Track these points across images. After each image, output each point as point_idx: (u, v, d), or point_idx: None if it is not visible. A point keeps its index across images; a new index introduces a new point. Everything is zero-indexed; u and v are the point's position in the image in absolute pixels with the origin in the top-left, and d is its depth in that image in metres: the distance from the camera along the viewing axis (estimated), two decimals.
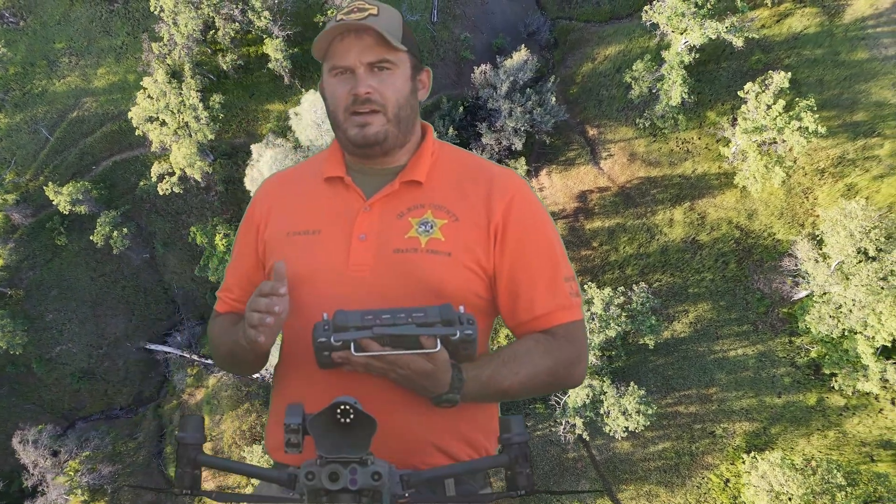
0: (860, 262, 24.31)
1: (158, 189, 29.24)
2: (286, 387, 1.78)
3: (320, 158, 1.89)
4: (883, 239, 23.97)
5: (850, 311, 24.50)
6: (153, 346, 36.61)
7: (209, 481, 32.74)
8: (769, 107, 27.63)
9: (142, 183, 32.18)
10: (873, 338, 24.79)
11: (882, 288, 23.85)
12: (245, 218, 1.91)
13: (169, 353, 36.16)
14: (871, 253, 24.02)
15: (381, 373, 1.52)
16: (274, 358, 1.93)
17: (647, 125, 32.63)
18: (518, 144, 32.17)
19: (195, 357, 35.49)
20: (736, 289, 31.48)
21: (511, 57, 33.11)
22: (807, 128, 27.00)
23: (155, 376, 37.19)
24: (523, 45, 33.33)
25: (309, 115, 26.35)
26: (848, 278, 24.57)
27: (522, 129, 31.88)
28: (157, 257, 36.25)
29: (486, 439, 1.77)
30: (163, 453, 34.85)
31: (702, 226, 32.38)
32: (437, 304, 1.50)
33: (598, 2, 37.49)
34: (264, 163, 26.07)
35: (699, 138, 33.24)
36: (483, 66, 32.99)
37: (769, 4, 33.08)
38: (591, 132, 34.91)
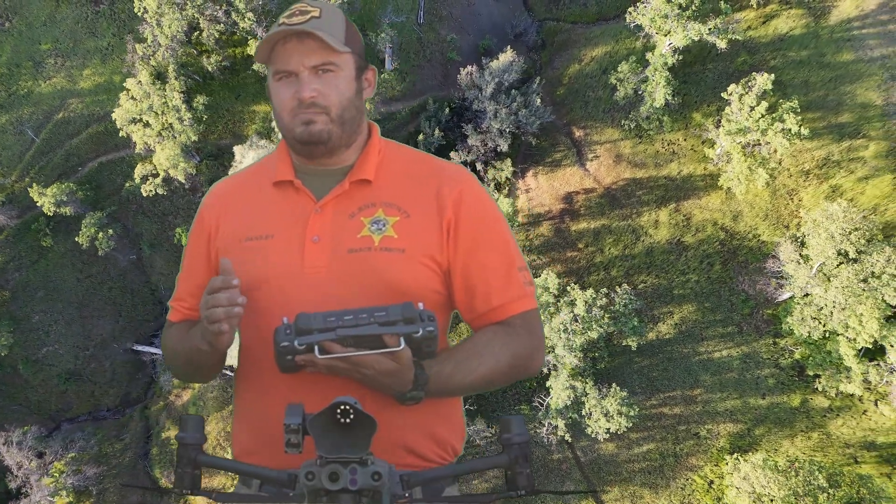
0: (840, 264, 24.33)
1: (142, 190, 29.21)
2: (248, 391, 1.78)
3: (268, 163, 1.89)
4: (863, 241, 23.98)
5: (832, 312, 24.51)
6: (140, 348, 36.59)
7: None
8: (752, 108, 27.64)
9: (127, 184, 32.18)
10: (855, 340, 24.80)
11: (863, 290, 23.86)
12: (194, 226, 1.90)
13: (156, 354, 36.12)
14: (852, 255, 24.02)
15: (346, 374, 1.53)
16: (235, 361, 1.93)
17: (632, 126, 32.66)
18: (504, 146, 32.18)
19: None
20: (721, 290, 31.50)
21: (497, 58, 33.14)
22: (789, 129, 27.01)
23: (142, 377, 37.16)
24: (509, 47, 33.35)
25: None
26: (829, 280, 24.58)
27: (508, 130, 31.90)
28: (143, 258, 36.24)
29: (452, 437, 1.80)
30: (149, 454, 34.83)
31: (687, 227, 32.39)
32: (398, 303, 1.50)
33: (586, 3, 37.52)
34: (246, 164, 26.05)
35: (685, 140, 33.26)
36: (469, 68, 33.01)
37: (755, 6, 33.11)
38: (578, 133, 34.93)
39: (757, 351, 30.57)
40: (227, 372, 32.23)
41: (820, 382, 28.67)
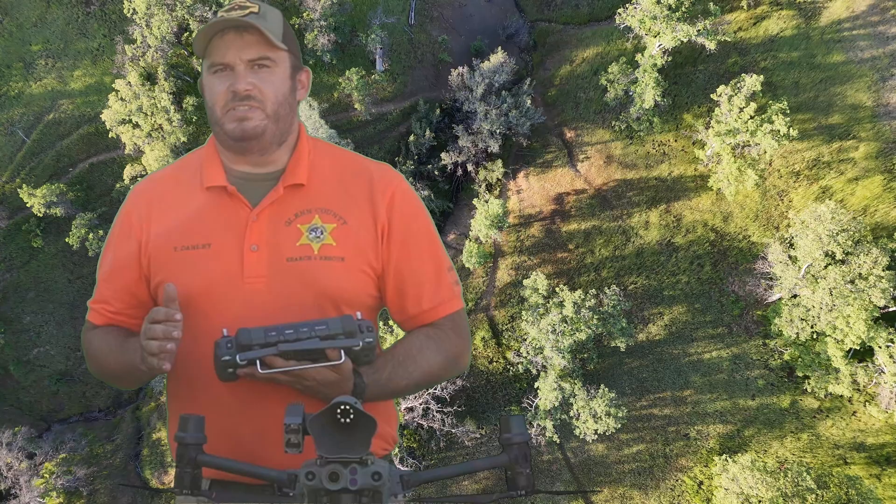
0: (828, 265, 24.33)
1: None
2: (184, 399, 1.78)
3: (196, 162, 1.86)
4: (850, 243, 23.98)
5: (819, 314, 24.51)
6: None
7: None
8: (741, 110, 27.65)
9: (118, 185, 32.14)
10: (842, 341, 24.80)
11: (850, 291, 23.87)
12: (119, 226, 1.84)
13: None
14: (839, 256, 24.03)
15: (286, 384, 1.55)
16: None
17: (622, 128, 32.67)
18: (494, 147, 32.18)
19: None
20: (711, 291, 31.50)
21: (488, 60, 33.15)
22: (778, 131, 27.01)
23: None
24: (500, 48, 33.34)
25: None
26: (816, 281, 24.59)
27: (498, 131, 31.90)
28: None
29: (388, 427, 1.86)
30: (140, 455, 34.80)
31: (677, 228, 32.39)
32: (337, 316, 1.53)
33: (578, 4, 37.52)
34: None
35: (675, 141, 33.27)
36: (460, 69, 33.01)
37: (745, 7, 33.13)
38: (569, 135, 34.93)
39: (747, 352, 30.58)
40: None
41: (809, 384, 28.67)
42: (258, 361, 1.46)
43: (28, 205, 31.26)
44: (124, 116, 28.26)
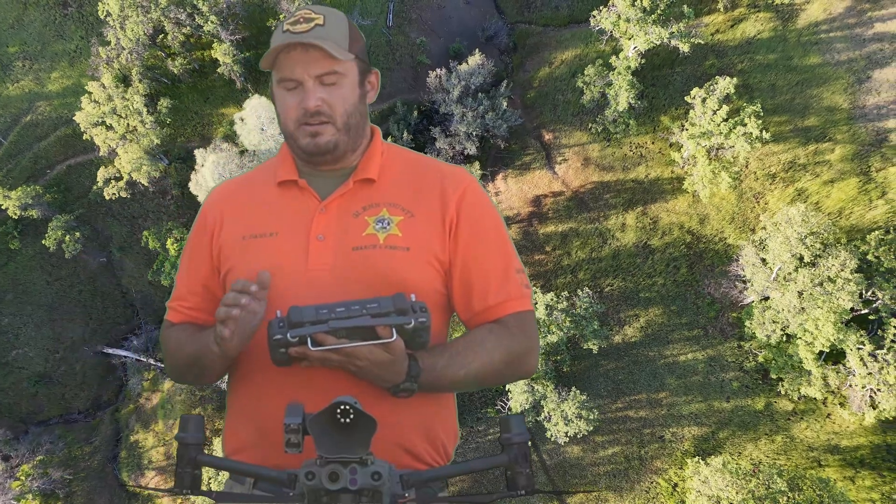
0: (797, 268, 24.36)
1: (105, 193, 29.15)
2: (243, 387, 1.78)
3: (272, 164, 1.91)
4: (819, 245, 24.00)
5: (789, 317, 24.54)
6: (111, 350, 36.54)
7: (161, 485, 32.67)
8: (715, 112, 27.67)
9: (95, 187, 32.11)
10: (812, 343, 24.83)
11: (819, 294, 23.89)
12: (196, 225, 1.91)
13: (126, 357, 36.10)
14: (808, 259, 24.05)
15: (339, 366, 1.53)
16: None
17: (599, 130, 32.69)
18: (471, 149, 32.18)
19: (151, 361, 35.44)
20: (687, 293, 31.52)
21: (466, 62, 33.15)
22: (751, 133, 27.04)
23: (113, 380, 37.12)
24: (477, 50, 33.34)
25: (252, 119, 26.33)
26: (786, 284, 24.62)
27: (475, 133, 31.89)
28: (114, 261, 36.19)
29: (446, 439, 1.81)
30: (118, 458, 34.79)
31: (654, 230, 32.41)
32: (389, 295, 1.50)
33: (557, 6, 37.52)
34: (207, 168, 26.05)
35: (653, 143, 33.29)
36: (437, 71, 33.01)
37: (722, 10, 33.13)
38: (547, 137, 34.94)
39: (722, 354, 30.60)
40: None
41: (783, 386, 28.71)
42: (309, 339, 1.45)
43: (3, 207, 31.23)
44: (97, 118, 28.23)
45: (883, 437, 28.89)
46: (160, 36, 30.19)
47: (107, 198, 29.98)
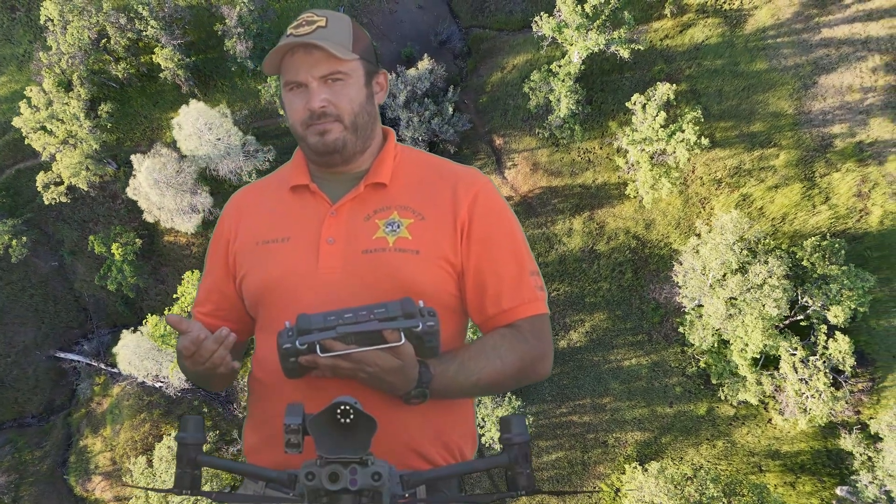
0: (725, 274, 24.42)
1: (45, 199, 29.09)
2: (256, 390, 1.81)
3: (285, 169, 1.93)
4: (746, 252, 24.06)
5: (716, 323, 24.60)
6: (63, 355, 36.47)
7: (107, 491, 32.65)
8: (654, 118, 27.72)
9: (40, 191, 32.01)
10: (744, 350, 24.90)
11: (747, 301, 23.96)
12: (215, 232, 1.94)
13: (77, 361, 36.04)
14: (735, 266, 24.11)
15: (350, 374, 1.52)
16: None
17: (546, 135, 32.71)
18: None
19: (102, 366, 35.37)
20: (632, 298, 31.57)
21: (416, 66, 33.15)
22: (689, 139, 27.08)
23: (66, 385, 37.05)
24: (426, 55, 33.35)
25: (189, 125, 26.29)
26: (715, 290, 24.68)
27: (421, 139, 31.90)
28: (65, 265, 36.12)
29: (462, 442, 1.80)
30: (67, 462, 34.71)
31: (600, 235, 32.46)
32: (397, 299, 1.50)
33: (511, 10, 37.51)
34: (142, 173, 26.01)
35: (600, 148, 33.32)
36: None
37: (669, 15, 33.18)
38: (498, 141, 34.97)
39: (665, 359, 30.66)
40: (160, 382, 32.08)
41: (723, 391, 28.79)
42: (318, 346, 1.45)
43: None
44: (35, 124, 28.18)
45: (823, 442, 29.00)
46: (103, 40, 30.13)
47: (46, 203, 29.90)
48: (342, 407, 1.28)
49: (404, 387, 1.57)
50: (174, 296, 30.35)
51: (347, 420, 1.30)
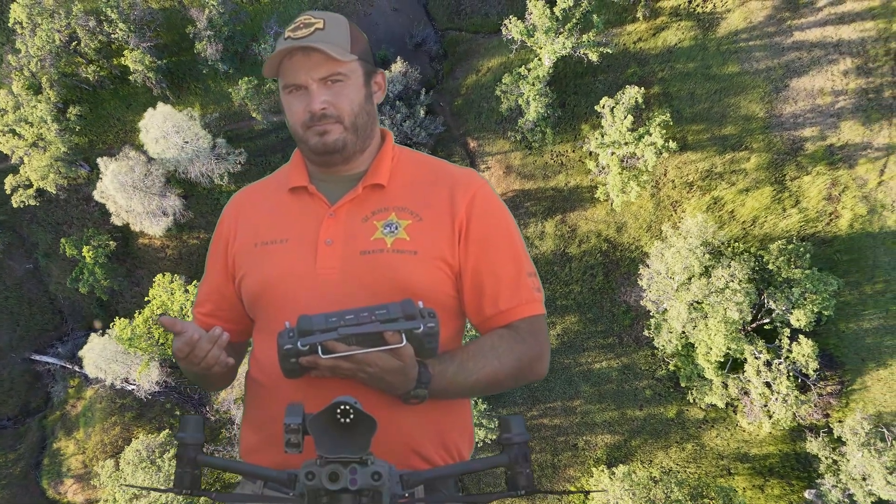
0: (690, 277, 24.45)
1: (13, 201, 29.08)
2: (254, 390, 1.81)
3: (285, 170, 1.95)
4: (708, 256, 24.09)
5: (679, 326, 24.63)
6: (38, 357, 36.46)
7: (79, 494, 32.63)
8: (623, 121, 27.75)
9: (13, 195, 31.97)
10: (708, 353, 24.94)
11: (710, 305, 23.99)
12: (214, 233, 1.95)
13: (52, 364, 36.02)
14: (698, 270, 24.14)
15: (350, 374, 1.54)
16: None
17: (518, 138, 32.74)
18: None
19: (76, 368, 35.34)
20: (603, 301, 31.60)
21: (390, 69, 33.15)
22: (656, 143, 27.11)
23: (41, 387, 37.04)
24: (399, 58, 33.37)
25: (156, 128, 26.29)
26: (679, 293, 24.71)
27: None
28: (40, 268, 36.10)
29: (461, 442, 1.82)
30: (41, 465, 34.69)
31: (572, 238, 32.48)
32: (397, 301, 1.51)
33: (487, 13, 37.52)
34: (108, 176, 26.00)
35: (573, 151, 33.35)
36: None
37: (642, 18, 33.22)
38: (472, 145, 35.00)
39: (636, 362, 30.68)
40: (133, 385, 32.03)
41: (691, 394, 28.82)
42: (319, 347, 1.46)
43: None
44: (3, 127, 28.15)
45: (792, 445, 29.03)
46: (74, 43, 30.11)
47: (15, 206, 29.87)
48: (342, 407, 1.29)
49: (404, 387, 1.59)
50: (146, 298, 30.36)
51: (347, 420, 1.30)
